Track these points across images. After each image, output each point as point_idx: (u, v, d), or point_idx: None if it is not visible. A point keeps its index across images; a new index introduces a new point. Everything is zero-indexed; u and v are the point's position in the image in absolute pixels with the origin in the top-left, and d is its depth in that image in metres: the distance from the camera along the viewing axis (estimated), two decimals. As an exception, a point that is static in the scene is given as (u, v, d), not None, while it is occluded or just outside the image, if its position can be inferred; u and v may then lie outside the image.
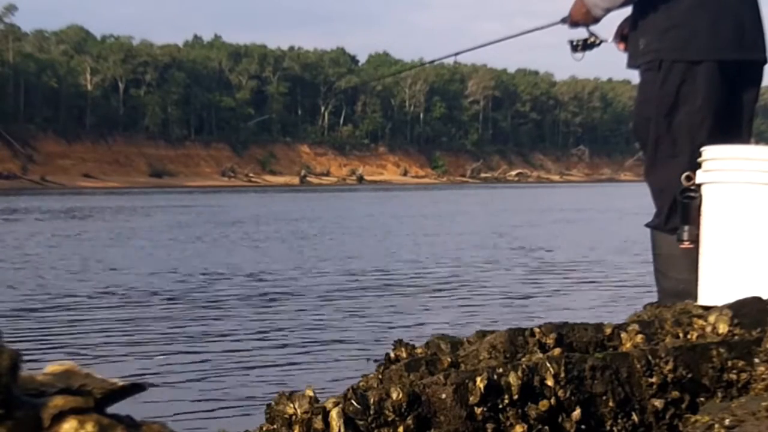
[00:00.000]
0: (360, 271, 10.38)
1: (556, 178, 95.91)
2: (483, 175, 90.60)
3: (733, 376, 1.88)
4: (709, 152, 2.90)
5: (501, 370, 1.67)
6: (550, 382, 1.69)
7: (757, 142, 3.31)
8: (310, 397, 1.57)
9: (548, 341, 1.90)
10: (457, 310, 7.40)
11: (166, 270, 10.41)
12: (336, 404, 1.55)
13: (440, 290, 8.69)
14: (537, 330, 1.92)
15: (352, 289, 8.82)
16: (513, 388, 1.65)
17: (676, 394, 1.81)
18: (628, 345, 1.96)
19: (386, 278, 9.69)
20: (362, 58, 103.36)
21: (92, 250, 13.12)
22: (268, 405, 1.59)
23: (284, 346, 5.85)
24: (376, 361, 1.95)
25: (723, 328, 2.00)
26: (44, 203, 32.23)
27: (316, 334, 6.28)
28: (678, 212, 3.09)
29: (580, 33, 3.53)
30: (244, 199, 37.82)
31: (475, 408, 1.61)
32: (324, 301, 7.92)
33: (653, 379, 1.79)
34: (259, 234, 16.67)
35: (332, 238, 15.72)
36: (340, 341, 5.98)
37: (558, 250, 12.97)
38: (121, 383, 1.17)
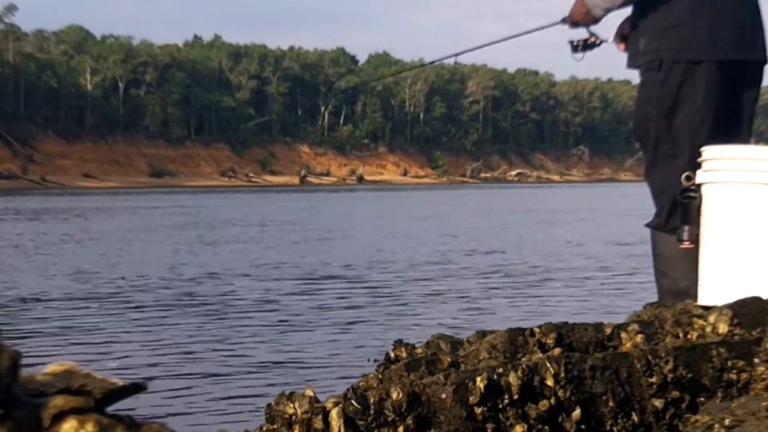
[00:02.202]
0: (358, 271, 10.39)
1: (556, 178, 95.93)
2: (483, 175, 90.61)
3: (733, 376, 1.88)
4: (709, 152, 2.90)
5: (501, 370, 1.67)
6: (550, 382, 1.69)
7: (757, 142, 3.31)
8: (310, 397, 1.57)
9: (548, 341, 1.90)
10: (457, 310, 7.40)
11: (164, 270, 10.42)
12: (336, 404, 1.55)
13: (439, 290, 8.68)
14: (537, 330, 1.92)
15: (352, 289, 8.82)
16: (513, 388, 1.65)
17: (676, 394, 1.81)
18: (628, 345, 1.96)
19: (385, 278, 9.69)
20: (362, 58, 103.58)
21: (85, 250, 13.13)
22: (268, 405, 1.59)
23: (284, 346, 5.85)
24: (376, 361, 1.95)
25: (723, 328, 2.00)
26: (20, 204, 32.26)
27: (315, 334, 6.28)
28: (678, 212, 3.09)
29: (581, 33, 3.54)
30: (243, 199, 37.84)
31: (475, 408, 1.61)
32: (323, 301, 7.93)
33: (653, 379, 1.79)
34: (254, 235, 16.68)
35: (329, 239, 15.72)
36: (340, 341, 5.98)
37: (557, 250, 12.97)
38: (121, 383, 1.17)
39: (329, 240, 15.21)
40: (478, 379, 1.62)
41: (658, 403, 1.78)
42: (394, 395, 1.57)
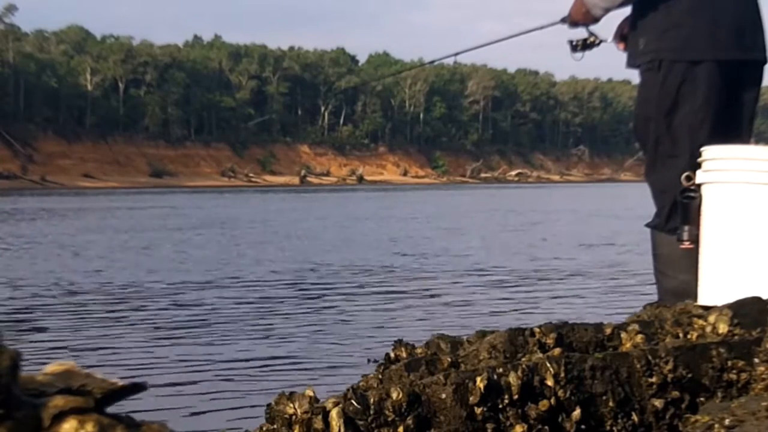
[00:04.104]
0: (358, 271, 10.39)
1: (556, 178, 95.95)
2: (483, 175, 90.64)
3: (733, 376, 1.88)
4: (709, 152, 2.90)
5: (501, 370, 1.67)
6: (550, 382, 1.69)
7: (757, 142, 3.31)
8: (310, 397, 1.57)
9: (548, 341, 1.90)
10: (457, 310, 7.40)
11: (162, 272, 10.42)
12: (336, 404, 1.55)
13: (439, 290, 8.69)
14: (537, 330, 1.92)
15: (352, 289, 8.82)
16: (513, 388, 1.65)
17: (676, 394, 1.81)
18: (628, 345, 1.96)
19: (385, 278, 9.69)
20: (362, 58, 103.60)
21: (83, 249, 13.13)
22: (268, 405, 1.59)
23: (284, 346, 5.85)
24: (376, 361, 1.95)
25: (723, 328, 2.00)
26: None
27: (315, 334, 6.28)
28: (678, 212, 3.09)
29: (580, 33, 3.53)
30: (243, 199, 37.85)
31: (475, 408, 1.61)
32: (323, 302, 7.92)
33: (653, 379, 1.79)
34: (252, 235, 16.68)
35: (327, 239, 15.72)
36: (340, 341, 5.98)
37: (557, 250, 12.97)
38: (121, 383, 1.17)
39: (327, 241, 15.21)
40: (478, 379, 1.62)
41: (658, 403, 1.78)
42: (394, 395, 1.57)
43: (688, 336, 2.00)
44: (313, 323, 6.74)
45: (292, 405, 1.55)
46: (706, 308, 2.16)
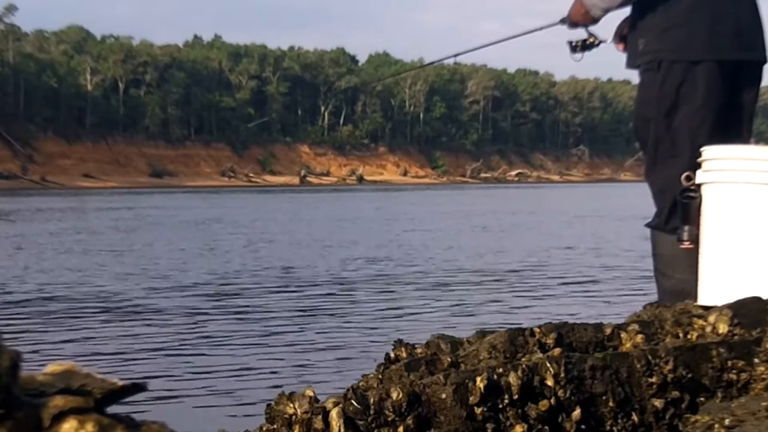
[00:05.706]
0: (358, 271, 10.38)
1: (556, 178, 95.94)
2: (483, 175, 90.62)
3: (733, 376, 1.88)
4: (709, 152, 2.90)
5: (501, 370, 1.67)
6: (550, 382, 1.69)
7: (757, 142, 3.31)
8: (310, 397, 1.57)
9: (548, 341, 1.89)
10: (457, 310, 7.40)
11: (164, 273, 10.42)
12: (336, 404, 1.55)
13: (440, 290, 8.69)
14: (537, 330, 1.92)
15: (352, 289, 8.82)
16: (513, 388, 1.65)
17: (676, 394, 1.81)
18: (628, 345, 1.96)
19: (385, 278, 9.69)
20: (362, 58, 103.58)
21: (83, 252, 13.13)
22: (268, 405, 1.59)
23: (284, 346, 5.85)
24: (376, 361, 1.95)
25: (723, 328, 1.99)
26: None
27: (315, 334, 6.28)
28: (678, 212, 3.09)
29: (580, 34, 3.53)
30: (242, 200, 37.86)
31: (475, 408, 1.61)
32: (323, 302, 7.93)
33: (653, 379, 1.79)
34: (251, 236, 16.68)
35: (326, 240, 15.72)
36: (340, 341, 5.98)
37: (557, 250, 12.97)
38: (121, 383, 1.17)
39: (326, 241, 15.21)
40: (478, 379, 1.62)
41: (658, 403, 1.78)
42: (394, 395, 1.57)
43: (688, 336, 2.00)
44: (312, 323, 6.74)
45: (292, 405, 1.55)
46: (706, 308, 2.16)
